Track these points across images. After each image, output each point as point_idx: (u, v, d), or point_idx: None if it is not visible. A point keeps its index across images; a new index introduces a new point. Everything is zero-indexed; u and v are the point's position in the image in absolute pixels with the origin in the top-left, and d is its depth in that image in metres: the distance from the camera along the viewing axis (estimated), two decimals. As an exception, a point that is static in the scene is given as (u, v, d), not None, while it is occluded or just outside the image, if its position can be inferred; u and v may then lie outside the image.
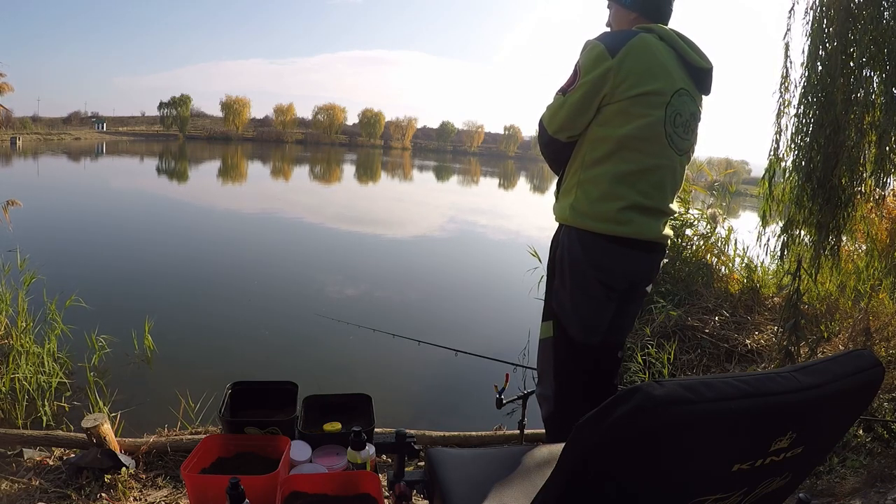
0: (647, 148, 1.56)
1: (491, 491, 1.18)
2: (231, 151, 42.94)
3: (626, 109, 1.53)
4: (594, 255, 1.63)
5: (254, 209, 12.99)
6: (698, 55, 1.64)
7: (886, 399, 2.68)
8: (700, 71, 1.65)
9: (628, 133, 1.54)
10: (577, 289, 1.67)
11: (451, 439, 2.56)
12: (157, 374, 3.71)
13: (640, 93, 1.52)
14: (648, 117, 1.53)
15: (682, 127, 1.61)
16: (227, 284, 6.17)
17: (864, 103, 2.80)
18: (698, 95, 1.68)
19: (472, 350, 2.90)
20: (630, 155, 1.55)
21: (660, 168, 1.59)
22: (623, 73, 1.51)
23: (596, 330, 1.69)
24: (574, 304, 1.68)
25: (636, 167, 1.56)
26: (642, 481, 0.66)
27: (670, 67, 1.57)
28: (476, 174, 40.32)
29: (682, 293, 4.31)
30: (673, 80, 1.57)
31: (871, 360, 0.76)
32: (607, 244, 1.60)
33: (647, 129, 1.54)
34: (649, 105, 1.54)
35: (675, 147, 1.61)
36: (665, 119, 1.55)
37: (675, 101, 1.57)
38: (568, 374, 1.74)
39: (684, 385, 0.61)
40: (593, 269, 1.63)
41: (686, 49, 1.61)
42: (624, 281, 1.68)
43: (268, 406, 1.78)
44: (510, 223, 14.00)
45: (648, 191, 1.58)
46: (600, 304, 1.67)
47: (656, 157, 1.57)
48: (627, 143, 1.55)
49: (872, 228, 3.35)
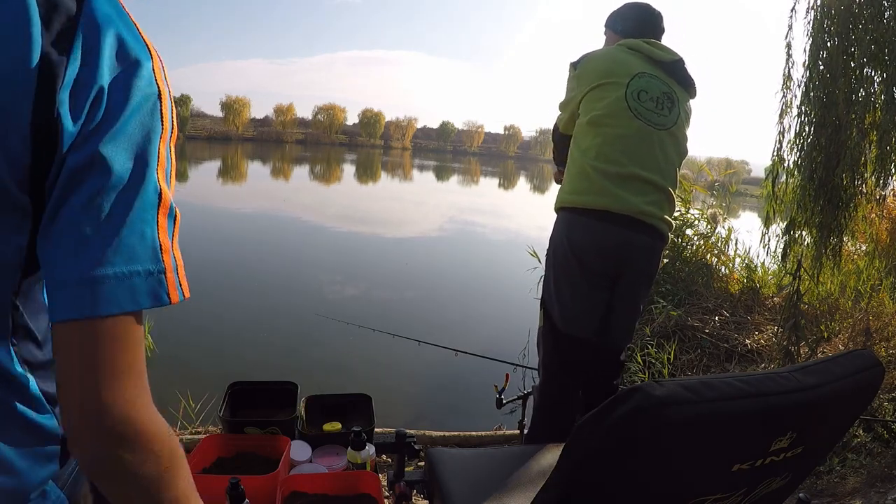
0: (609, 122, 1.67)
1: (491, 491, 1.18)
2: (231, 151, 42.93)
3: (587, 102, 1.72)
4: (571, 230, 1.69)
5: (253, 209, 13.00)
6: (661, 50, 1.78)
7: (886, 399, 2.68)
8: (668, 63, 1.77)
9: (592, 116, 1.69)
10: (560, 273, 1.71)
11: (451, 439, 2.56)
12: (157, 374, 3.70)
13: (596, 85, 1.71)
14: (607, 99, 1.68)
15: (653, 102, 1.69)
16: (226, 284, 6.17)
17: (865, 103, 2.80)
18: (669, 80, 1.77)
19: (472, 350, 2.90)
20: (595, 130, 1.69)
21: (626, 137, 1.66)
22: (581, 78, 1.75)
23: (582, 319, 1.68)
24: (557, 289, 1.72)
25: (601, 139, 1.67)
26: (642, 481, 0.66)
27: (628, 61, 1.73)
28: (476, 174, 40.33)
29: (682, 293, 4.31)
30: (629, 67, 1.72)
31: (872, 360, 0.76)
32: (584, 219, 1.66)
33: (607, 108, 1.68)
34: (606, 90, 1.70)
35: (647, 120, 1.67)
36: (626, 96, 1.67)
37: (636, 82, 1.69)
38: (555, 366, 1.75)
39: (684, 385, 0.61)
40: (571, 247, 1.67)
41: (647, 48, 1.76)
42: (599, 260, 1.65)
43: (268, 406, 1.78)
44: (510, 223, 14.00)
45: (619, 158, 1.64)
46: (584, 290, 1.68)
47: (621, 128, 1.67)
48: (593, 122, 1.69)
49: (873, 228, 3.35)
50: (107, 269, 0.45)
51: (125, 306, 0.46)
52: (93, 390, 0.45)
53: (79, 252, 0.44)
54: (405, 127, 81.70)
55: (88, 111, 0.45)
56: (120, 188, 0.46)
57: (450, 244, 10.11)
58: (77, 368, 0.45)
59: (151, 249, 0.48)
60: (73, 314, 0.44)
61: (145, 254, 0.47)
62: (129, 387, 0.47)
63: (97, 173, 0.45)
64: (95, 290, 0.44)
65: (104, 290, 0.45)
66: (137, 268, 0.47)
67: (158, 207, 0.49)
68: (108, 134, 0.45)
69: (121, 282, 0.46)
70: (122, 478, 0.47)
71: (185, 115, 65.93)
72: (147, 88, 0.48)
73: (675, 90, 1.76)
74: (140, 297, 0.47)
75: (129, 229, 0.46)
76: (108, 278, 0.45)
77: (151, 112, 0.48)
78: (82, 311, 0.44)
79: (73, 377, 0.45)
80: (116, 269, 0.45)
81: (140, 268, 0.47)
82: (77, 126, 0.45)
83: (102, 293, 0.45)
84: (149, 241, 0.48)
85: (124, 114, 0.46)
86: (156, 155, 0.49)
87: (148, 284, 0.47)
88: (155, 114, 0.49)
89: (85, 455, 0.47)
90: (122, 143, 0.46)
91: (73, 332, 0.45)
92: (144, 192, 0.47)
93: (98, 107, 0.45)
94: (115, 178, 0.46)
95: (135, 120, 0.47)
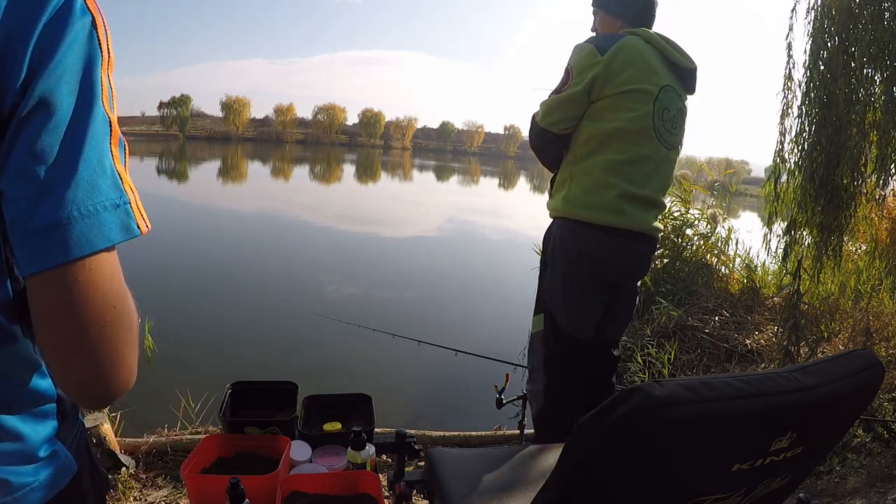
0: (636, 139, 1.61)
1: (491, 491, 1.18)
2: (231, 151, 42.94)
3: (615, 104, 1.60)
4: (587, 245, 1.66)
5: (254, 209, 13.00)
6: (682, 55, 1.70)
7: (886, 399, 2.68)
8: (684, 70, 1.71)
9: (619, 126, 1.60)
10: (568, 279, 1.69)
11: (451, 439, 2.56)
12: (157, 374, 3.71)
13: (629, 89, 1.58)
14: (637, 111, 1.59)
15: (670, 122, 1.67)
16: (227, 284, 6.17)
17: (866, 103, 2.80)
18: (684, 93, 1.73)
19: (472, 350, 2.89)
20: (620, 146, 1.61)
21: (649, 159, 1.64)
22: (612, 71, 1.58)
23: (585, 323, 1.70)
24: (564, 295, 1.70)
25: (626, 157, 1.61)
26: (642, 481, 0.66)
27: (655, 65, 1.63)
28: (476, 174, 40.33)
29: (682, 293, 4.31)
30: (659, 77, 1.63)
31: (872, 360, 0.76)
32: (600, 234, 1.64)
33: (636, 121, 1.60)
34: (638, 100, 1.59)
35: (664, 141, 1.65)
36: (653, 113, 1.61)
37: (663, 97, 1.63)
38: (558, 368, 1.75)
39: (684, 385, 0.61)
40: (586, 260, 1.66)
41: (670, 50, 1.68)
42: (615, 273, 1.69)
43: (268, 406, 1.78)
44: (510, 223, 14.00)
45: (638, 179, 1.62)
46: (590, 295, 1.69)
47: (645, 149, 1.62)
48: (618, 135, 1.60)
49: (873, 228, 3.35)
50: (70, 210, 0.41)
51: (97, 244, 0.43)
52: (76, 348, 0.44)
53: (38, 198, 0.41)
54: (405, 127, 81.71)
55: (30, 57, 0.41)
56: (67, 123, 0.42)
57: (450, 244, 10.11)
58: (55, 321, 0.43)
59: (112, 180, 0.45)
60: (44, 265, 0.41)
61: (107, 186, 0.44)
62: (112, 338, 0.45)
63: (40, 114, 0.41)
64: (63, 233, 0.41)
65: (73, 232, 0.41)
66: (103, 201, 0.43)
67: (110, 137, 0.46)
68: (45, 70, 0.41)
69: (88, 219, 0.42)
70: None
71: (185, 115, 65.92)
72: (81, 17, 0.44)
73: (685, 103, 1.74)
74: (111, 233, 0.44)
75: (85, 164, 0.43)
76: (73, 219, 0.41)
77: (88, 40, 0.45)
78: (54, 258, 0.41)
79: (52, 331, 0.44)
80: (81, 207, 0.42)
81: (106, 201, 0.44)
82: (21, 73, 0.41)
83: (71, 235, 0.41)
84: (108, 171, 0.45)
85: (61, 47, 0.42)
86: (99, 84, 0.45)
87: (117, 217, 0.44)
88: (93, 41, 0.45)
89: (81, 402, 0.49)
90: (62, 77, 0.42)
91: (46, 283, 0.42)
92: (93, 124, 0.44)
93: (36, 48, 0.42)
94: (60, 114, 0.42)
95: (73, 51, 0.43)
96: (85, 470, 0.59)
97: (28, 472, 0.51)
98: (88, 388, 0.46)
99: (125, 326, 0.46)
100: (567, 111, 1.65)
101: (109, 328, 0.45)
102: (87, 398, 0.47)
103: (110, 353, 0.45)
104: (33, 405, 0.52)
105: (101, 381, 0.46)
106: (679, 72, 1.70)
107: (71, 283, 0.42)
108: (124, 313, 0.46)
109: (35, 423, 0.52)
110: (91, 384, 0.46)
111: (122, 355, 0.47)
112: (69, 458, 0.56)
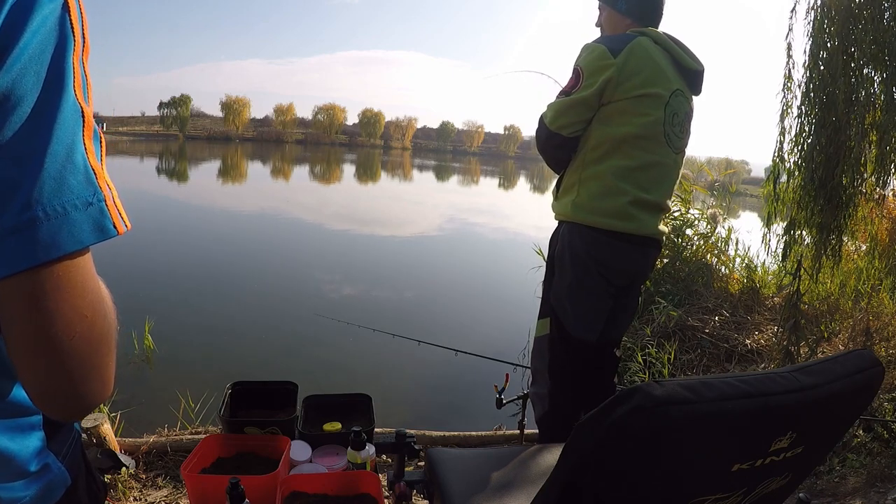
0: (647, 145, 1.60)
1: (491, 491, 1.18)
2: (231, 151, 42.94)
3: (627, 109, 1.57)
4: (597, 250, 1.65)
5: (253, 209, 13.00)
6: (690, 57, 1.68)
7: (886, 399, 2.68)
8: (692, 72, 1.69)
9: (630, 131, 1.58)
10: (577, 284, 1.68)
11: (451, 439, 2.56)
12: (157, 374, 3.71)
13: (642, 94, 1.56)
14: (649, 116, 1.58)
15: (679, 126, 1.66)
16: (227, 284, 6.17)
17: (865, 103, 2.80)
18: (691, 96, 1.73)
19: (472, 350, 2.89)
20: (631, 151, 1.59)
21: (659, 164, 1.63)
22: (625, 74, 1.55)
23: (592, 326, 1.70)
24: (572, 299, 1.69)
25: (637, 163, 1.60)
26: (642, 481, 0.66)
27: (666, 69, 1.62)
28: (476, 174, 40.34)
29: (682, 293, 4.30)
30: (669, 81, 1.62)
31: (871, 360, 0.76)
32: (611, 240, 1.63)
33: (647, 127, 1.58)
34: (650, 105, 1.58)
35: (672, 146, 1.65)
36: (664, 119, 1.60)
37: (673, 102, 1.62)
38: (563, 371, 1.74)
39: (684, 385, 0.61)
40: (595, 265, 1.65)
41: (678, 51, 1.66)
42: (624, 277, 1.70)
43: (268, 406, 1.78)
44: (510, 223, 14.00)
45: (648, 186, 1.62)
46: (599, 299, 1.68)
47: (656, 154, 1.62)
48: (629, 140, 1.59)
49: (872, 228, 3.35)
50: (36, 210, 0.38)
51: (65, 247, 0.39)
52: (43, 360, 0.41)
53: (5, 200, 0.37)
54: (405, 127, 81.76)
55: None
56: (31, 114, 0.38)
57: (450, 244, 10.11)
58: (21, 330, 0.40)
59: (84, 176, 0.40)
60: (10, 269, 0.38)
61: (78, 183, 0.40)
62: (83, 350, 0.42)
63: (3, 107, 0.38)
64: (28, 236, 0.38)
65: (38, 235, 0.38)
66: (73, 199, 0.39)
67: (82, 128, 0.41)
68: (8, 59, 0.38)
69: (55, 220, 0.38)
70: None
71: (185, 115, 65.98)
72: (49, 1, 0.40)
73: (692, 105, 1.73)
74: (82, 234, 0.40)
75: (51, 159, 0.39)
76: (39, 220, 0.38)
77: (58, 25, 0.41)
78: (17, 264, 0.38)
79: (19, 342, 0.40)
80: (47, 207, 0.38)
81: (76, 199, 0.40)
82: None
83: (36, 238, 0.38)
84: (80, 166, 0.40)
85: (25, 34, 0.38)
86: (70, 72, 0.41)
87: (89, 216, 0.40)
88: (64, 26, 0.41)
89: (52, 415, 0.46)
90: (27, 66, 0.38)
91: (10, 290, 0.39)
92: (62, 114, 0.40)
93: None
94: (24, 104, 0.38)
95: (39, 38, 0.39)
96: (80, 481, 0.58)
97: (18, 487, 0.50)
98: (57, 402, 0.43)
99: (98, 337, 0.43)
100: (578, 114, 1.62)
101: (80, 340, 0.41)
102: (57, 411, 0.44)
103: (81, 366, 0.42)
104: (15, 417, 0.50)
105: (72, 394, 0.43)
106: (686, 73, 1.68)
107: (36, 291, 0.39)
108: (97, 323, 0.43)
109: (21, 436, 0.50)
110: (61, 397, 0.43)
111: (95, 367, 0.44)
112: (62, 471, 0.54)
